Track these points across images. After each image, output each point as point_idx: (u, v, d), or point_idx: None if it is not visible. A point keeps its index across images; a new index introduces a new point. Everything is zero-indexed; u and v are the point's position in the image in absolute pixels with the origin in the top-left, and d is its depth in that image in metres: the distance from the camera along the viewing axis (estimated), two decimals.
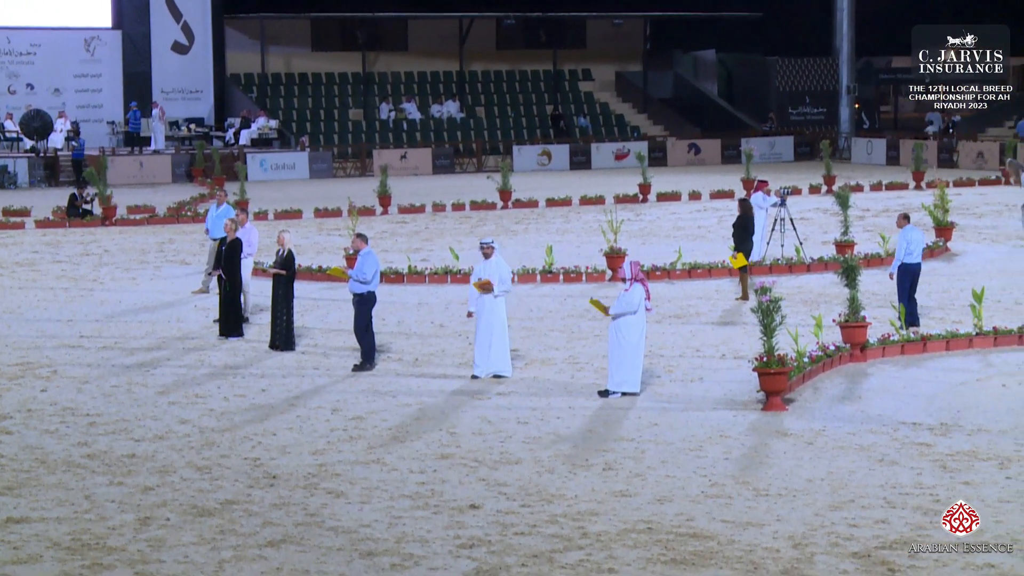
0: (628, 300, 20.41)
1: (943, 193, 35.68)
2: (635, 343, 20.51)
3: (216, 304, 26.09)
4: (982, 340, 23.57)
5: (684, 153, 63.95)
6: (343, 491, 16.29)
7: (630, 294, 20.45)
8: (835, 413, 19.60)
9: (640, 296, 20.42)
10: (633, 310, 20.37)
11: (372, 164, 58.54)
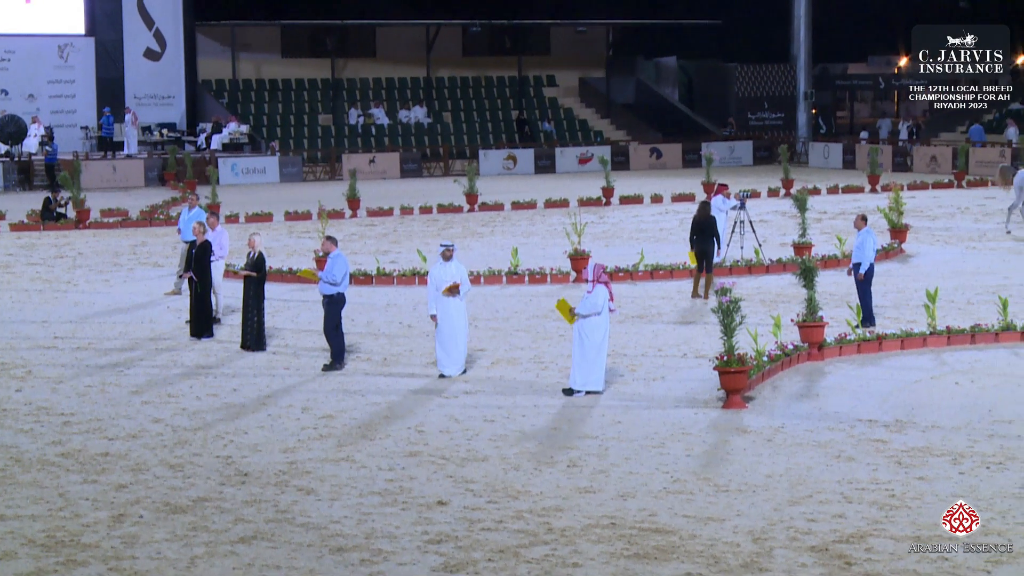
0: (592, 302, 20.44)
1: (898, 196, 35.78)
2: (598, 343, 20.54)
3: (188, 306, 26.01)
4: (936, 339, 23.66)
5: (646, 157, 64.02)
6: (313, 488, 16.26)
7: (594, 295, 20.47)
8: (793, 411, 19.65)
9: (604, 297, 20.46)
10: (597, 311, 20.41)
11: (341, 168, 58.44)
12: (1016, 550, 13.73)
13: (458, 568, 13.55)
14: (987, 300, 27.18)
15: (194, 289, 25.33)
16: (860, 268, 25.27)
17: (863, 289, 25.27)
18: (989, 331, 23.92)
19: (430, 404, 20.33)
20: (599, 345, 20.55)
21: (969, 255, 34.47)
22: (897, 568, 13.31)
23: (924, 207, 44.17)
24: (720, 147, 63.37)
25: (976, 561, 13.42)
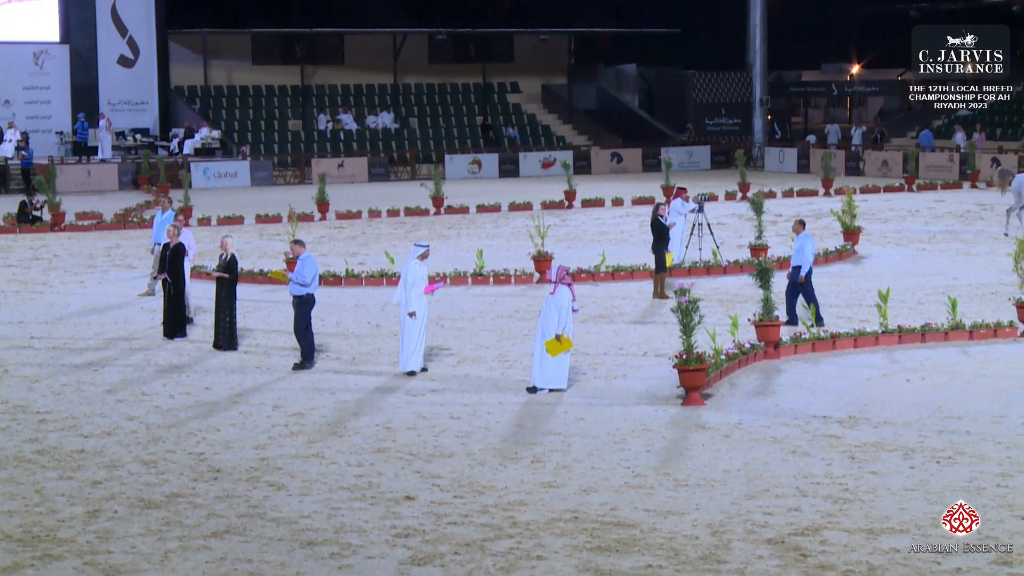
0: (555, 303, 20.45)
1: (850, 199, 35.92)
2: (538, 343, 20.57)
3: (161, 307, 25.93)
4: (887, 338, 23.75)
5: (607, 161, 64.10)
6: (284, 484, 16.23)
7: (556, 297, 20.48)
8: (750, 407, 19.70)
9: (567, 298, 20.47)
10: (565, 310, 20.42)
11: (311, 172, 58.36)
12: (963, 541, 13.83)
13: (425, 561, 13.54)
14: (937, 300, 27.32)
15: (168, 290, 25.25)
16: (801, 271, 25.38)
17: (807, 291, 25.36)
18: (939, 330, 24.03)
19: (398, 401, 20.31)
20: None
21: (919, 256, 34.62)
22: (851, 559, 13.36)
23: (876, 210, 44.35)
24: (679, 152, 63.55)
25: (927, 553, 13.47)
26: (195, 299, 26.95)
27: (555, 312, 20.38)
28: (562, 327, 20.38)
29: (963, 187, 52.96)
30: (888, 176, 57.24)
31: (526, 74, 71.32)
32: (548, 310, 20.51)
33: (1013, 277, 25.28)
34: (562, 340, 20.32)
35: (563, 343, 20.39)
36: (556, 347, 20.43)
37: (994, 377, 21.26)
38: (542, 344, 20.50)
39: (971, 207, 45.23)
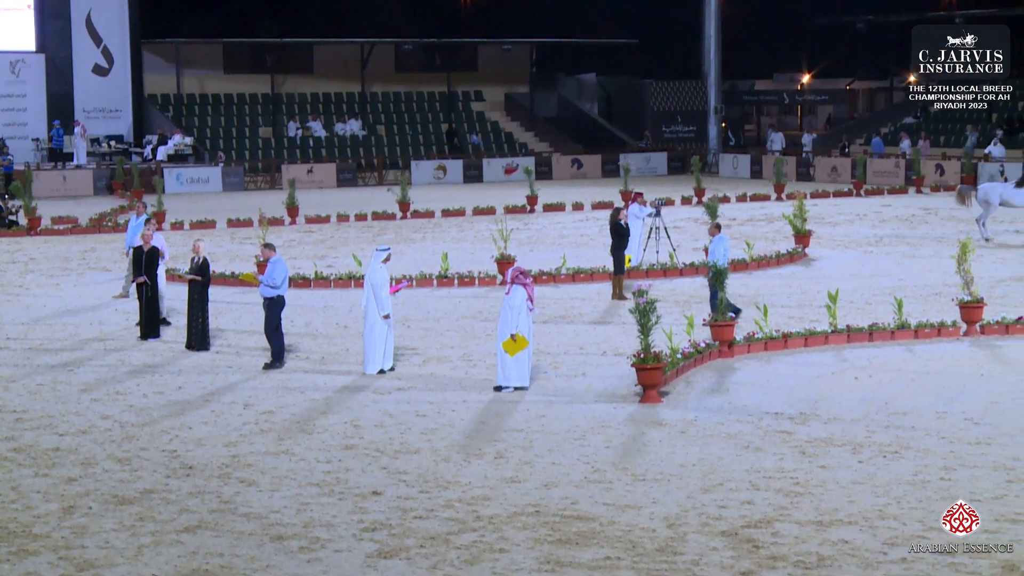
0: (509, 303, 20.49)
1: (801, 204, 36.02)
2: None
3: (136, 308, 25.82)
4: (837, 337, 23.83)
5: (568, 167, 64.15)
6: (255, 480, 16.18)
7: (511, 297, 20.53)
8: (705, 404, 19.74)
9: (521, 298, 20.47)
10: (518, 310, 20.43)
11: (281, 178, 58.17)
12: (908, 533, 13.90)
13: (392, 554, 13.53)
14: (884, 300, 27.42)
15: (144, 292, 25.16)
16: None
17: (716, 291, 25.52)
18: (886, 329, 24.13)
19: (365, 400, 20.28)
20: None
21: (867, 259, 34.75)
22: (801, 550, 13.40)
23: (826, 214, 44.50)
24: (637, 158, 63.62)
25: (874, 543, 13.53)
26: (168, 301, 26.84)
27: (508, 312, 20.42)
28: (515, 326, 20.39)
29: (909, 192, 53.20)
30: (837, 181, 57.48)
31: (489, 83, 71.32)
32: (504, 311, 20.55)
33: (956, 279, 25.40)
34: (517, 339, 20.33)
35: (518, 342, 20.40)
36: (512, 347, 20.44)
37: (938, 375, 21.37)
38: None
39: (916, 211, 45.44)
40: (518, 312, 20.45)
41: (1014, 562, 12.91)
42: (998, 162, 54.45)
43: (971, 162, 54.69)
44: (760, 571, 12.86)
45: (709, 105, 68.65)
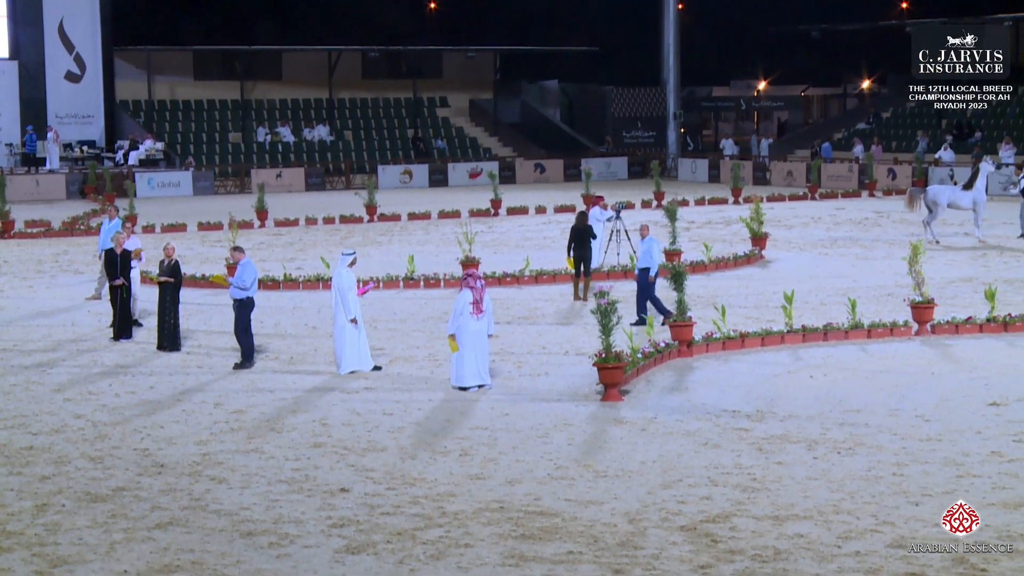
0: (455, 306, 20.57)
1: (758, 207, 36.14)
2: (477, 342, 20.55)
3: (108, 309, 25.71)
4: (792, 337, 23.90)
5: (531, 172, 64.19)
6: (225, 477, 16.12)
7: (457, 299, 20.63)
8: (665, 403, 19.77)
9: (464, 300, 20.51)
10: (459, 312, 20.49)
11: (250, 182, 58.07)
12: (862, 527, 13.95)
13: (359, 550, 13.50)
14: (838, 301, 27.53)
15: (119, 294, 25.05)
16: (650, 271, 25.59)
17: (651, 291, 25.56)
18: (840, 329, 24.22)
19: (333, 399, 20.23)
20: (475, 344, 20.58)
21: (822, 260, 34.88)
22: (758, 544, 13.44)
23: (781, 217, 44.67)
24: (598, 163, 63.78)
25: (828, 537, 13.59)
26: (140, 303, 26.72)
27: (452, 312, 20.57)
28: (455, 327, 20.47)
29: (862, 196, 53.45)
30: (792, 185, 57.72)
31: (454, 89, 71.33)
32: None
33: (908, 280, 25.52)
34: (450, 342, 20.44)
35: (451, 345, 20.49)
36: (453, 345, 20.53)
37: (890, 373, 21.46)
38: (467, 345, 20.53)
39: (869, 214, 45.66)
40: (459, 313, 20.50)
41: (964, 555, 12.98)
42: (948, 166, 54.77)
43: (922, 166, 54.98)
44: (718, 565, 12.89)
45: (668, 111, 68.83)
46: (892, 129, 65.17)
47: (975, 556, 12.92)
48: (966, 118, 60.96)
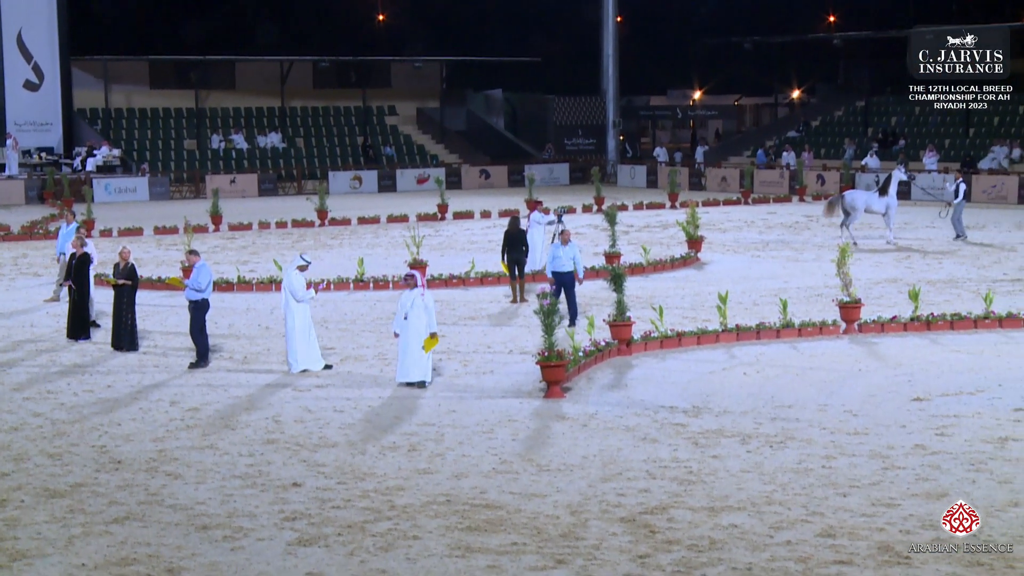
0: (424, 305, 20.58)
1: (694, 212, 36.28)
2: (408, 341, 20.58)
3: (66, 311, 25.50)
4: (727, 336, 24.01)
5: (476, 178, 64.16)
6: (181, 473, 16.03)
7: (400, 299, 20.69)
8: (605, 399, 19.82)
9: (406, 299, 20.57)
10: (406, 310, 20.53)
11: (205, 188, 57.72)
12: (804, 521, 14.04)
13: (311, 542, 13.45)
14: (770, 301, 27.69)
15: (72, 296, 24.86)
16: (579, 273, 25.69)
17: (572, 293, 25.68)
18: (771, 328, 24.35)
19: (286, 397, 20.15)
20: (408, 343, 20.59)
21: (754, 262, 35.06)
22: (694, 535, 13.49)
23: (716, 221, 44.87)
24: (541, 169, 63.80)
25: (761, 527, 13.66)
26: (97, 304, 26.51)
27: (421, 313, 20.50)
28: (397, 326, 20.55)
29: (792, 201, 53.77)
30: (727, 191, 57.98)
31: (402, 98, 71.18)
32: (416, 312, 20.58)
33: (836, 281, 25.68)
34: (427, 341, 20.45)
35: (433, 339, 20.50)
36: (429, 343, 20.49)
37: (820, 370, 21.60)
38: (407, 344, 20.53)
39: (799, 218, 45.95)
40: (430, 311, 20.49)
41: (890, 543, 13.08)
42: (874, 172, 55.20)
43: (849, 172, 55.39)
44: (656, 554, 12.93)
45: (608, 119, 68.99)
46: (821, 137, 65.60)
47: (900, 544, 13.03)
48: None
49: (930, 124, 62.18)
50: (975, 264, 33.66)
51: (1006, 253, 35.81)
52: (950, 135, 60.61)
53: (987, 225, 42.29)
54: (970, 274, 31.90)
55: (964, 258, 34.87)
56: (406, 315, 20.53)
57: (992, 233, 40.36)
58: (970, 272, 32.24)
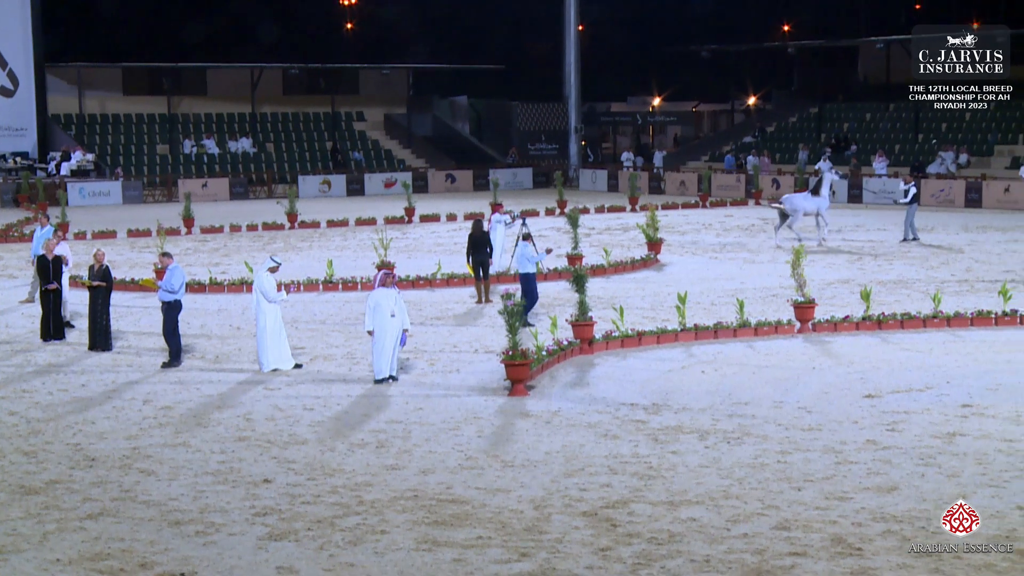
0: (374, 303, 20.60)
1: (653, 215, 36.35)
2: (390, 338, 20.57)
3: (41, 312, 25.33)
4: (685, 335, 24.06)
5: (442, 182, 64.14)
6: (154, 470, 15.95)
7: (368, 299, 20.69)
8: (568, 397, 19.83)
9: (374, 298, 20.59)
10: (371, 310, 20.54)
11: (177, 192, 57.51)
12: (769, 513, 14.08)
13: (281, 537, 13.41)
14: (727, 302, 27.77)
15: (50, 298, 24.69)
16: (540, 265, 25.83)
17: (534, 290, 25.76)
18: (729, 327, 24.41)
19: (257, 395, 20.08)
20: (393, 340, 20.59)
21: (712, 264, 35.15)
22: (654, 528, 13.52)
23: (675, 224, 44.98)
24: (505, 173, 63.83)
25: (718, 521, 13.70)
26: (71, 305, 26.35)
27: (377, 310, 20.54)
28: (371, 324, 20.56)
29: (748, 204, 53.97)
30: (685, 194, 58.13)
31: (370, 104, 71.10)
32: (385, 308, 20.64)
33: (791, 282, 25.80)
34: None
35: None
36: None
37: (775, 368, 21.67)
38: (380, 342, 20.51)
39: (755, 221, 46.11)
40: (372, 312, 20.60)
41: (842, 535, 13.14)
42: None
43: (803, 177, 55.63)
44: (617, 547, 12.95)
45: (570, 125, 69.07)
46: (776, 142, 65.88)
47: (852, 536, 13.09)
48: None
49: (880, 130, 62.54)
50: (924, 265, 33.86)
51: (954, 255, 36.05)
52: (900, 140, 60.98)
53: (935, 228, 42.56)
54: (919, 275, 32.08)
55: (914, 260, 35.07)
56: (392, 313, 20.51)
57: (940, 235, 40.62)
58: (919, 273, 32.43)
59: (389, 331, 20.53)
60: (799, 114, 67.78)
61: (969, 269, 33.06)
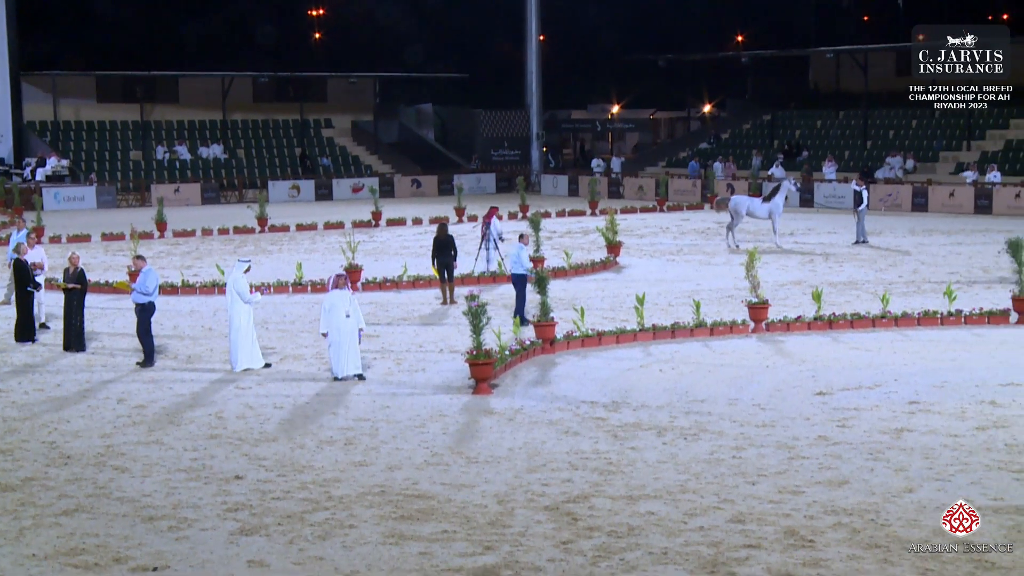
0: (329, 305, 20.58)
1: (613, 218, 36.41)
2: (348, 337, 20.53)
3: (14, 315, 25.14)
4: (644, 335, 24.10)
5: (408, 187, 64.05)
6: (127, 467, 15.85)
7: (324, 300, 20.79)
8: (530, 395, 19.83)
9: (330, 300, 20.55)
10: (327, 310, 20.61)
11: (150, 196, 57.22)
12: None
13: (252, 531, 13.36)
14: (684, 302, 27.83)
15: (25, 299, 24.50)
16: (530, 274, 25.77)
17: (523, 293, 25.74)
18: (685, 327, 24.47)
19: (228, 394, 19.99)
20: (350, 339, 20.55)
21: (669, 266, 35.23)
22: (614, 522, 13.54)
23: (634, 227, 45.05)
24: (469, 179, 63.80)
25: (676, 514, 13.73)
26: (46, 307, 26.17)
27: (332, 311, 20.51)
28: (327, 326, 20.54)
29: (704, 208, 54.11)
30: (644, 199, 58.25)
31: (338, 112, 70.92)
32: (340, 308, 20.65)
33: (745, 283, 25.88)
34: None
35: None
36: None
37: (730, 367, 21.73)
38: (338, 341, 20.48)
39: (711, 225, 46.24)
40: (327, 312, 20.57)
41: (795, 527, 13.20)
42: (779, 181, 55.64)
43: (757, 182, 55.86)
44: (578, 540, 12.96)
45: (532, 132, 69.11)
46: (730, 148, 66.10)
47: (804, 528, 13.15)
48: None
49: (831, 136, 62.87)
50: (873, 267, 34.05)
51: (901, 256, 36.27)
52: (849, 147, 61.32)
53: (884, 231, 42.81)
54: (868, 276, 32.26)
55: (863, 261, 35.26)
56: (347, 313, 20.47)
57: (888, 238, 40.86)
58: (868, 275, 32.61)
59: (345, 331, 20.49)
60: (753, 121, 68.06)
61: (916, 271, 33.27)
